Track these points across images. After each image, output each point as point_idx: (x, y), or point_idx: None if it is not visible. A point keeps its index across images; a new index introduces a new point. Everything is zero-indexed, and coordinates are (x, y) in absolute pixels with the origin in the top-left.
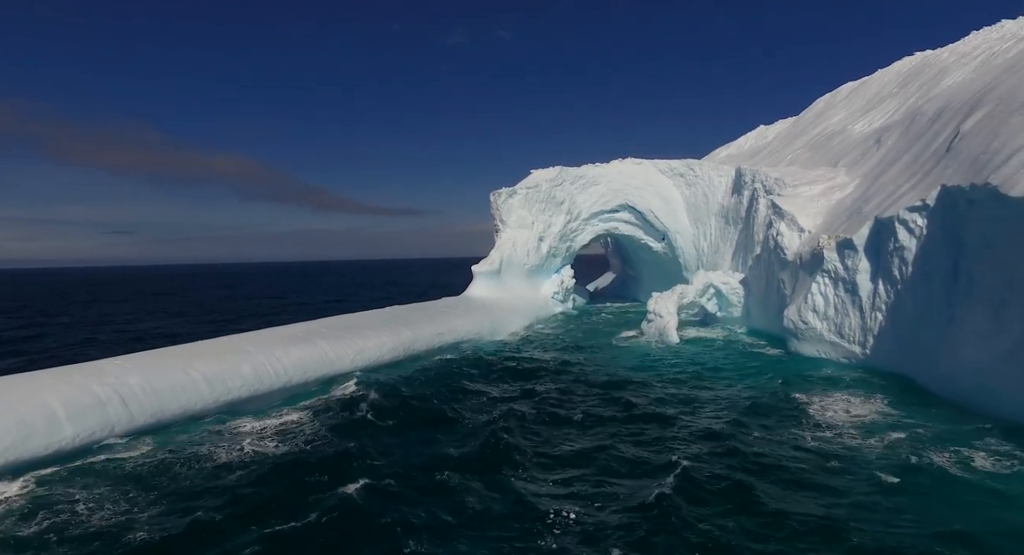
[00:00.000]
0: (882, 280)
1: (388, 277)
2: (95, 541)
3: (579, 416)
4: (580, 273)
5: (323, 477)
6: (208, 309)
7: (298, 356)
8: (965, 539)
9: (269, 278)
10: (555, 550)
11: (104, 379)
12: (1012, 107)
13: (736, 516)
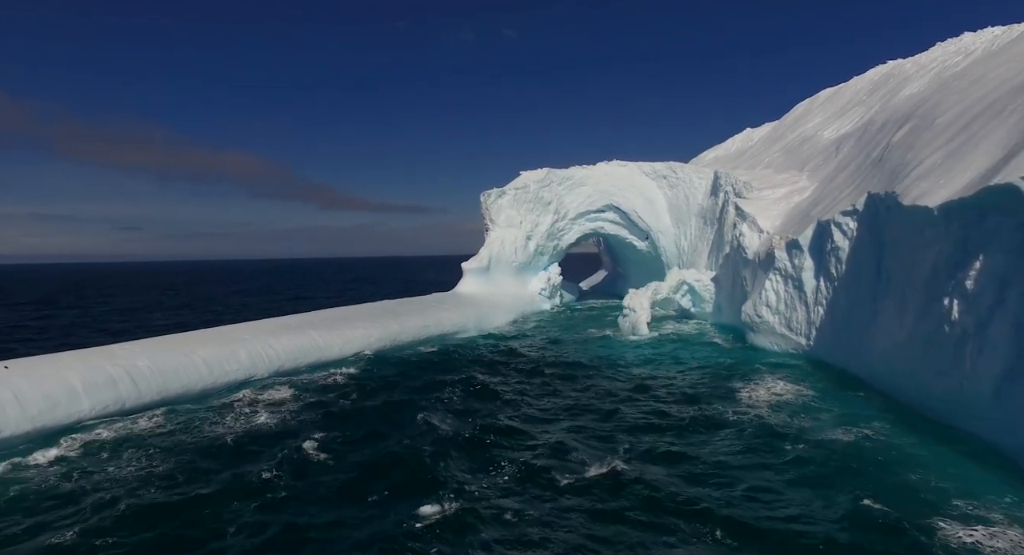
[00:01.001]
0: (823, 278)
1: (390, 274)
2: (120, 497)
3: (535, 396)
4: (575, 271)
5: (300, 442)
6: (215, 303)
7: (290, 344)
8: (827, 495)
9: (275, 275)
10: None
11: (116, 361)
12: (928, 123)
13: (652, 467)
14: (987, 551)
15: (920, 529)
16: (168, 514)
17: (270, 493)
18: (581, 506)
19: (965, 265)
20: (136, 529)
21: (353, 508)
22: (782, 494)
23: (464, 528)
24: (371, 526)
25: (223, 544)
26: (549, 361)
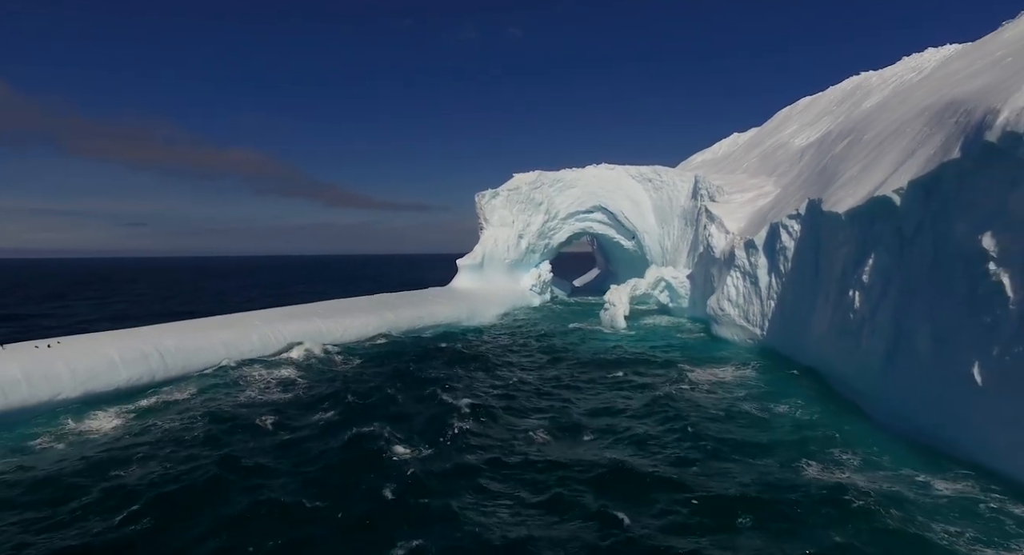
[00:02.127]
0: (774, 275)
1: (390, 272)
2: (168, 446)
3: (513, 375)
4: (572, 269)
5: (306, 409)
6: (228, 296)
7: (295, 330)
8: (735, 449)
9: (277, 272)
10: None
11: (146, 340)
12: (859, 138)
13: (599, 432)
14: (847, 484)
15: (794, 470)
16: (209, 462)
17: (283, 436)
18: (518, 427)
19: (862, 263)
20: (183, 471)
21: (336, 450)
22: (683, 444)
23: (431, 459)
24: (353, 464)
25: (254, 472)
26: (529, 344)
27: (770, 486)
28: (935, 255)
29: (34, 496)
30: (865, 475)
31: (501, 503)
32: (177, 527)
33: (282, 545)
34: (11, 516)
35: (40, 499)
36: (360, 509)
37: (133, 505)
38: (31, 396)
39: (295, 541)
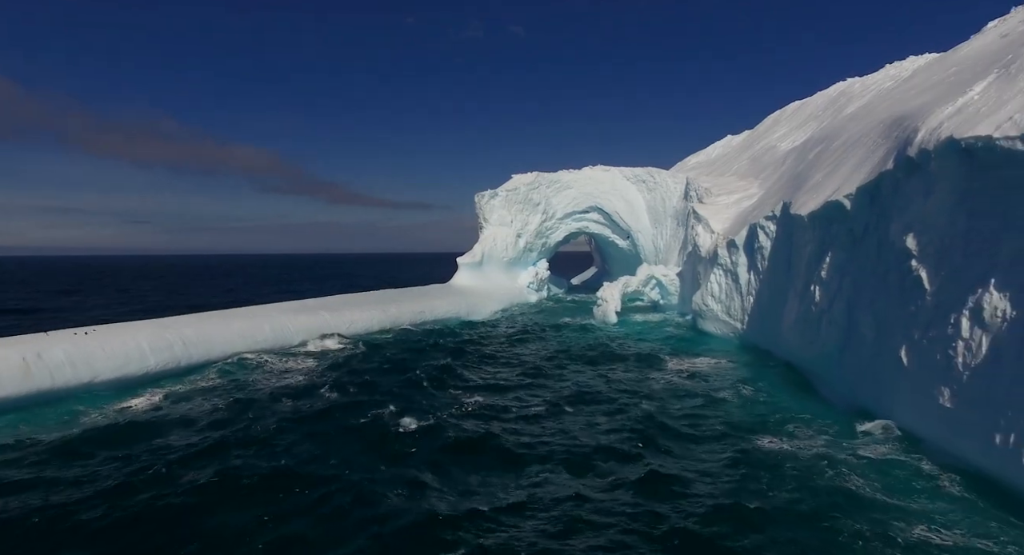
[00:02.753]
0: (753, 272)
1: (393, 270)
2: (200, 424)
3: (506, 362)
4: (570, 267)
5: (319, 390)
6: (235, 292)
7: (305, 322)
8: (699, 422)
9: (279, 270)
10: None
11: (170, 329)
12: (829, 145)
13: (586, 409)
14: (792, 451)
15: (748, 441)
16: (236, 439)
17: (299, 417)
18: (514, 404)
19: (821, 260)
20: (214, 445)
21: (351, 422)
22: (661, 413)
23: (431, 429)
24: (366, 432)
25: (278, 441)
26: (522, 337)
27: (724, 456)
28: (877, 253)
29: (94, 458)
30: (809, 444)
31: (495, 464)
32: (216, 483)
33: (299, 496)
34: (77, 474)
35: (102, 458)
36: (375, 470)
37: (183, 465)
38: (74, 377)
39: (314, 493)
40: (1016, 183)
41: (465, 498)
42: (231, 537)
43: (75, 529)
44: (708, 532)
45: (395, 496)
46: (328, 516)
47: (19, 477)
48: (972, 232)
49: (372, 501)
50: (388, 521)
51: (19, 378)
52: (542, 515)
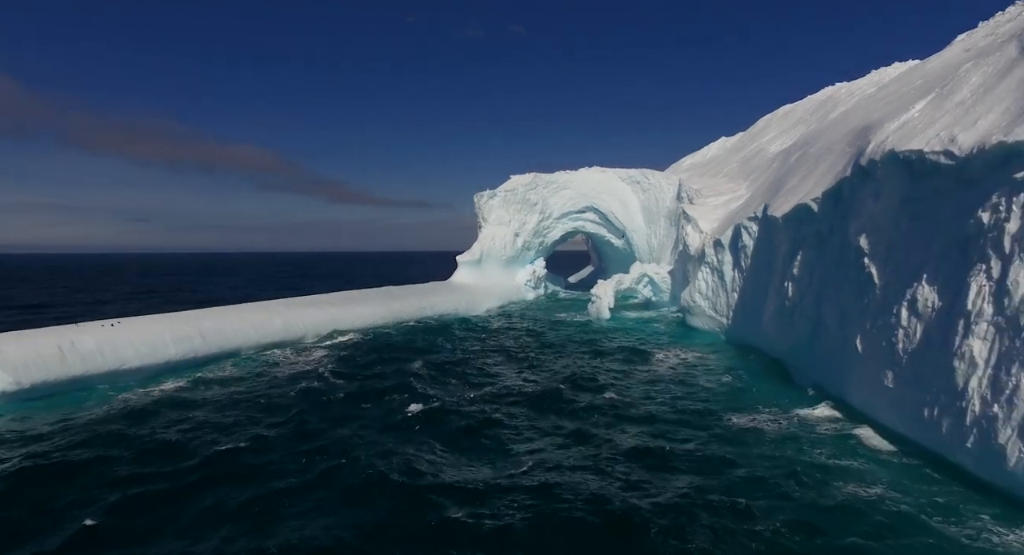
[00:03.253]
0: (737, 270)
1: (393, 269)
2: (225, 405)
3: (502, 353)
4: (568, 266)
5: (329, 381)
6: (232, 290)
7: (313, 316)
8: (675, 406)
9: (281, 268)
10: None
11: (189, 322)
12: (807, 151)
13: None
14: (758, 428)
15: (720, 418)
16: (256, 418)
17: (308, 407)
18: (511, 390)
19: (794, 258)
20: (239, 423)
21: (362, 406)
22: (646, 398)
23: (434, 416)
24: (375, 414)
25: (294, 422)
26: (518, 330)
27: (699, 432)
28: (840, 252)
29: (140, 427)
30: (774, 421)
31: (493, 430)
32: (242, 450)
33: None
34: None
35: (145, 428)
36: (395, 439)
37: (221, 432)
38: (104, 365)
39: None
40: (943, 191)
41: (461, 470)
42: (266, 485)
43: (135, 478)
44: (673, 494)
45: (400, 465)
46: (343, 472)
47: (77, 439)
48: (912, 232)
49: (382, 465)
50: (392, 480)
51: (56, 364)
52: (534, 482)
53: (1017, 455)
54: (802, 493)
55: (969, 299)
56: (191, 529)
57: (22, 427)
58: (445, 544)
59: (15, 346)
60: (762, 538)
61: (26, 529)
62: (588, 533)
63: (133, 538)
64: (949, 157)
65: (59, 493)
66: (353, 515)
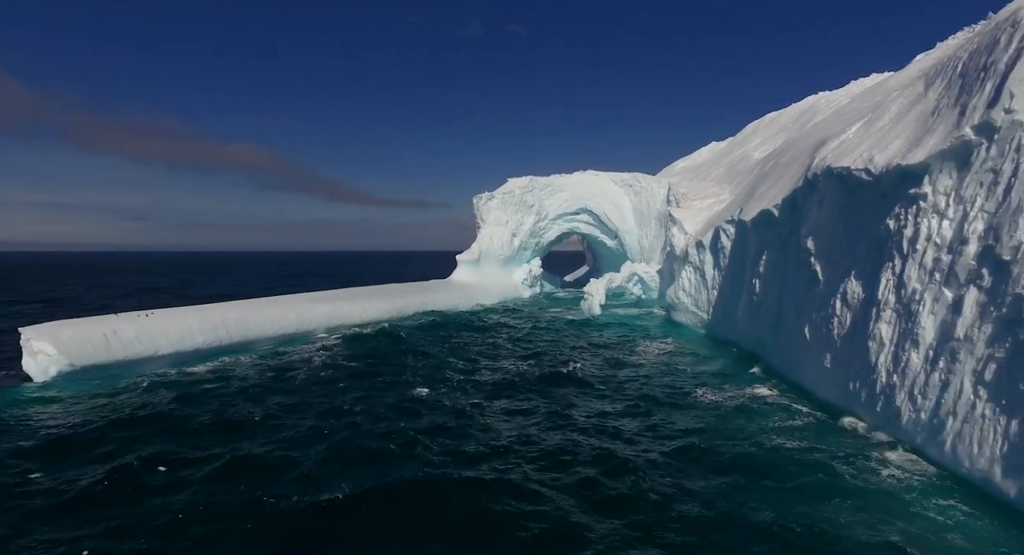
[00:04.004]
0: (716, 269)
1: (392, 267)
2: (250, 387)
3: (498, 343)
4: (564, 266)
5: (343, 366)
6: (237, 287)
7: (324, 310)
8: (665, 381)
9: (282, 266)
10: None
11: (214, 314)
12: (778, 160)
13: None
14: (719, 402)
15: (689, 395)
16: (278, 398)
17: (325, 388)
18: (510, 371)
19: (761, 258)
20: (261, 399)
21: (372, 389)
22: (627, 380)
23: (439, 393)
24: (385, 398)
25: (311, 401)
26: (513, 324)
27: (665, 403)
28: (796, 253)
29: (177, 406)
30: (734, 397)
31: (494, 405)
32: (268, 420)
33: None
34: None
35: (183, 407)
36: (404, 417)
37: (254, 402)
38: (142, 351)
39: (350, 422)
40: (866, 202)
41: (462, 438)
42: (300, 440)
43: (192, 435)
44: (640, 446)
45: (408, 436)
46: (353, 443)
47: (139, 415)
48: (845, 236)
49: (392, 435)
50: (399, 445)
51: (102, 350)
52: (530, 450)
53: (908, 415)
54: (738, 442)
55: (879, 291)
56: (218, 479)
57: (79, 400)
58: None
59: (69, 332)
60: (705, 465)
61: (92, 460)
62: (566, 464)
63: (172, 480)
64: (868, 174)
65: (121, 446)
66: (363, 473)
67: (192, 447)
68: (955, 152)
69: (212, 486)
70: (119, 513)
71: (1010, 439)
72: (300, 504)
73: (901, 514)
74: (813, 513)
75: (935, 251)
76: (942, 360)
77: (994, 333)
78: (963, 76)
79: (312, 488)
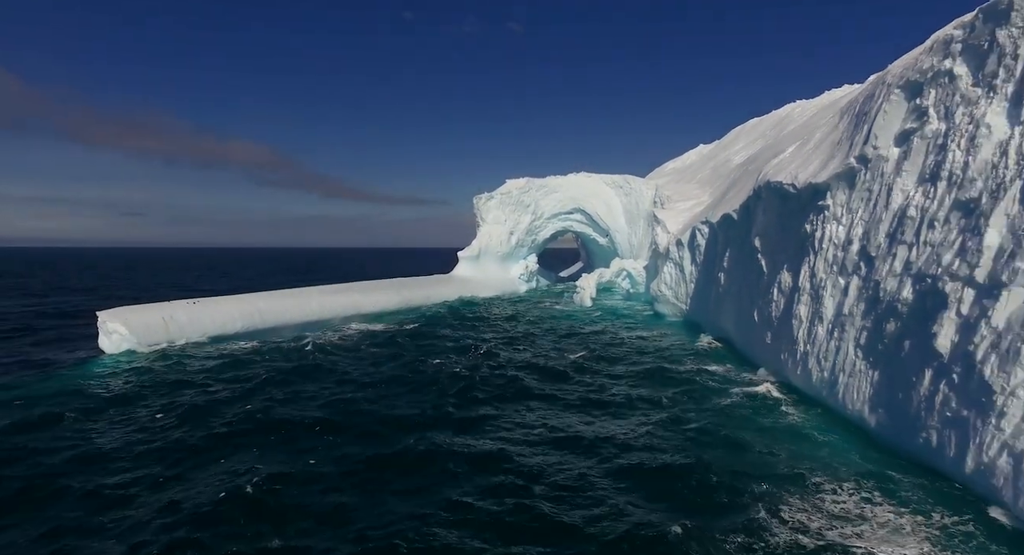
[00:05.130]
0: (694, 265)
1: (391, 266)
2: (279, 360)
3: (497, 331)
4: (560, 262)
5: (364, 348)
6: (246, 281)
7: (342, 301)
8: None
9: (282, 263)
10: None
11: (248, 303)
12: (749, 167)
13: (545, 366)
14: (684, 371)
15: (659, 366)
16: (303, 372)
17: (343, 366)
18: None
19: (724, 255)
20: (292, 375)
21: (387, 364)
22: (618, 356)
23: (448, 368)
24: (398, 370)
25: (335, 377)
26: (511, 316)
27: (642, 373)
28: (749, 250)
29: (227, 372)
30: (696, 368)
31: (490, 382)
32: (299, 384)
33: (370, 395)
34: (226, 378)
35: (231, 373)
36: (425, 388)
37: (294, 372)
38: (192, 332)
39: (377, 396)
40: (794, 210)
41: (468, 408)
42: (313, 412)
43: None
44: (619, 400)
45: (426, 405)
46: (383, 400)
47: (197, 379)
48: (781, 237)
49: (412, 403)
50: (416, 412)
51: (163, 331)
52: (530, 414)
53: (816, 374)
54: (694, 395)
55: (800, 280)
56: (260, 433)
57: (142, 372)
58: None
59: (137, 316)
60: (661, 406)
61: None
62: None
63: (218, 439)
64: (794, 188)
65: (196, 399)
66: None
67: (220, 404)
68: (846, 175)
69: (279, 409)
70: (187, 434)
71: (873, 387)
72: (355, 435)
73: (798, 441)
74: (737, 435)
75: (834, 249)
76: (836, 331)
77: (865, 309)
78: (856, 116)
79: (370, 416)
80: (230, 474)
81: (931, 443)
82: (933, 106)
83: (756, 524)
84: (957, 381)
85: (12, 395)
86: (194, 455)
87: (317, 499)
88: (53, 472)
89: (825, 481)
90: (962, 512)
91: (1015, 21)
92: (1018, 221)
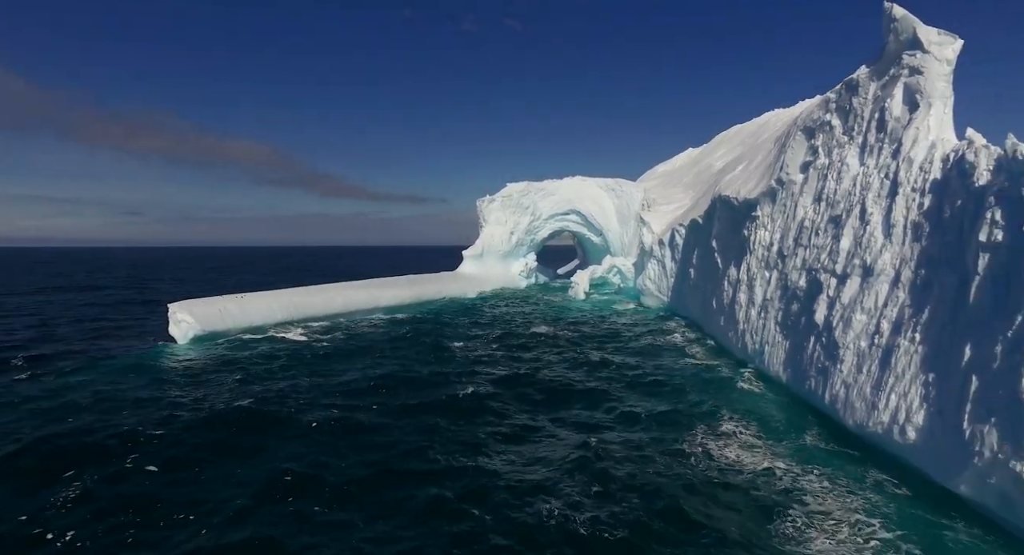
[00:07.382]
0: (673, 262)
1: (391, 265)
2: (319, 348)
3: (499, 320)
4: (558, 260)
5: (388, 335)
6: (257, 279)
7: (363, 296)
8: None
9: (282, 261)
10: None
11: (284, 296)
12: (727, 173)
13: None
14: (656, 342)
15: (637, 344)
16: (343, 355)
17: (375, 346)
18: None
19: (694, 253)
20: (331, 357)
21: (409, 347)
22: (608, 338)
23: (459, 350)
24: (419, 351)
25: (366, 358)
26: (511, 307)
27: (624, 346)
28: (710, 250)
29: (280, 358)
30: (668, 346)
31: (502, 354)
32: (344, 362)
33: (390, 371)
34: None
35: (287, 358)
36: (439, 370)
37: (339, 352)
38: (242, 322)
39: (398, 374)
40: (738, 218)
41: (476, 384)
42: (375, 379)
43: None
44: (603, 372)
45: (443, 381)
46: (407, 378)
47: (262, 360)
48: (731, 240)
49: (432, 378)
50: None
51: (219, 320)
52: (531, 388)
53: (751, 347)
54: (659, 363)
55: (740, 274)
56: (329, 396)
57: (210, 353)
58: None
59: (199, 308)
60: (630, 366)
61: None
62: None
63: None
64: (737, 201)
65: (255, 377)
66: (405, 422)
67: (274, 377)
68: (770, 193)
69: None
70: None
71: (785, 352)
72: (375, 403)
73: (732, 397)
74: (682, 386)
75: (762, 250)
76: (763, 312)
77: (780, 295)
78: (781, 147)
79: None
80: (313, 431)
81: (811, 387)
82: (821, 146)
83: (692, 444)
84: (825, 343)
85: (109, 377)
86: (282, 420)
87: (392, 421)
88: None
89: (741, 418)
90: (819, 427)
91: (862, 94)
92: (858, 232)
